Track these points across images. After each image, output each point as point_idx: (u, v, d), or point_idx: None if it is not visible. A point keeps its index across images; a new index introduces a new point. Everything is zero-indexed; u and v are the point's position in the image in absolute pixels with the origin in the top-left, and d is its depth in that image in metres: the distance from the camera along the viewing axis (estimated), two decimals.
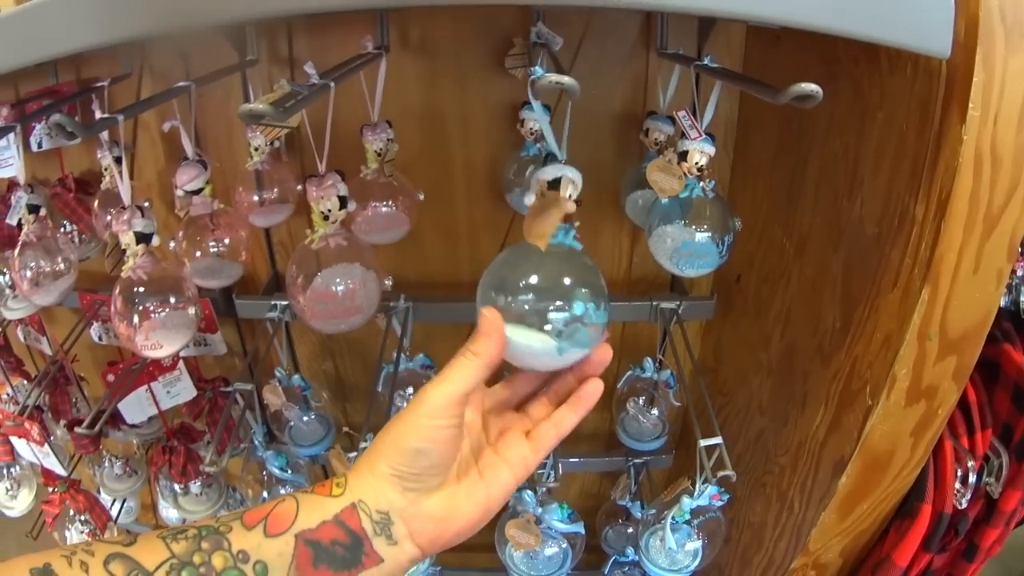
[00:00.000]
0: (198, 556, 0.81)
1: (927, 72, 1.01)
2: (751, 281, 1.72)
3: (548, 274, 0.94)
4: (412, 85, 1.74)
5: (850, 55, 1.22)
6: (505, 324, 0.92)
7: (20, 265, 1.67)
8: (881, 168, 1.15)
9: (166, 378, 1.92)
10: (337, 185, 1.37)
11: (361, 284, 1.42)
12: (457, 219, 1.93)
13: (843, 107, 1.27)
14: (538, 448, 0.97)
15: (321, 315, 1.42)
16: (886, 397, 1.15)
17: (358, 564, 0.88)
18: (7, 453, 2.10)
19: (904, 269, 1.09)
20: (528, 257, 0.97)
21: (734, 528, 1.76)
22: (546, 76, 0.90)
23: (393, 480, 0.90)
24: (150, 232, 1.40)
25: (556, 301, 0.92)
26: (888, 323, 1.14)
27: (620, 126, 1.73)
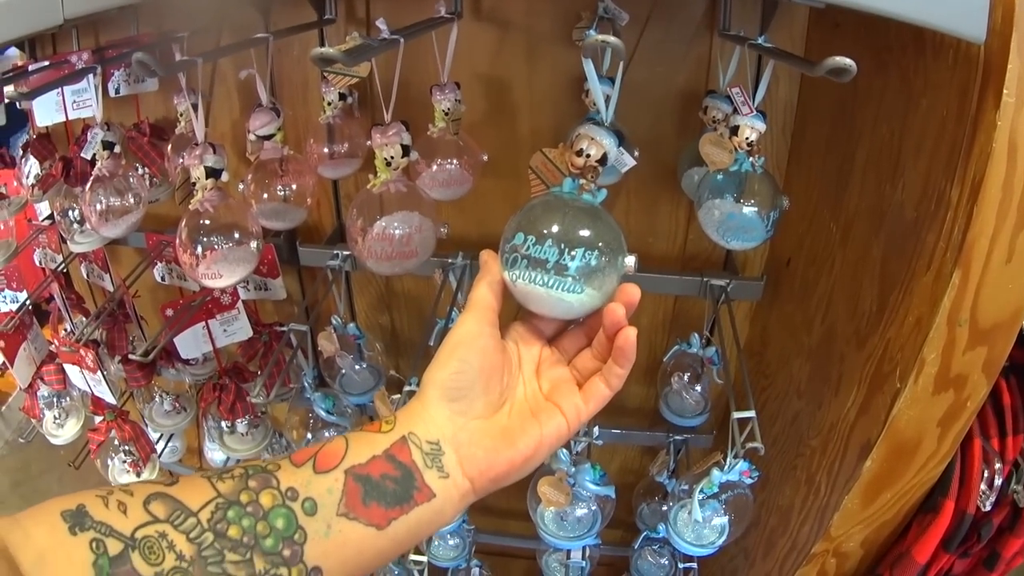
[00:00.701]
0: (245, 495, 0.80)
1: (966, 59, 1.03)
2: (799, 264, 1.73)
3: (561, 224, 0.96)
4: (482, 52, 1.77)
5: (899, 43, 1.24)
6: (519, 270, 0.97)
7: (91, 199, 1.72)
8: (922, 153, 1.17)
9: (224, 316, 1.97)
10: (401, 134, 1.40)
11: (418, 229, 1.45)
12: (520, 183, 1.91)
13: (891, 94, 1.29)
14: (589, 398, 0.98)
15: (377, 256, 1.45)
16: (914, 381, 1.17)
17: (409, 500, 0.87)
18: (60, 382, 2.16)
19: (938, 252, 1.10)
20: (531, 208, 1.01)
21: (763, 511, 1.78)
22: (594, 36, 0.92)
23: (441, 404, 0.92)
24: (220, 168, 1.45)
25: (566, 249, 0.95)
26: (920, 306, 1.15)
27: (681, 104, 1.75)
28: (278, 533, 0.79)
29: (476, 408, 0.94)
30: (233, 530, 0.77)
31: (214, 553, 0.75)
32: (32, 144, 2.08)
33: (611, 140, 1.04)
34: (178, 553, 0.73)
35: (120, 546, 0.71)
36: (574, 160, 1.03)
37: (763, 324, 2.01)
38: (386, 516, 0.86)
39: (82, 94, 1.83)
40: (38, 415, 2.31)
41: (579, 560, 1.97)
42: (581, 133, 1.03)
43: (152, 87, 1.99)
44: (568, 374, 1.02)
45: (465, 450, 0.92)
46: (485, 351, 0.95)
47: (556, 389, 1.00)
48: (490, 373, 0.95)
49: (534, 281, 0.96)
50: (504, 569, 2.65)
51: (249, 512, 0.79)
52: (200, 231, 1.47)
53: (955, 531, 1.31)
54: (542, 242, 0.95)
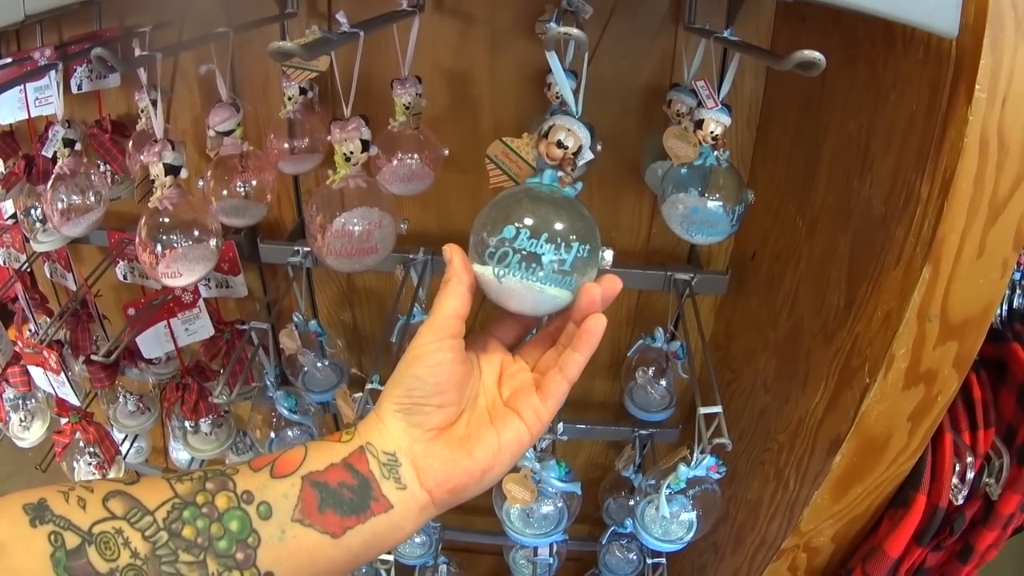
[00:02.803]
0: (201, 496, 0.80)
1: (938, 54, 1.02)
2: (764, 259, 1.73)
3: (554, 218, 0.93)
4: (444, 46, 1.76)
5: (869, 37, 1.23)
6: (488, 265, 0.93)
7: (52, 197, 1.70)
8: (891, 148, 1.16)
9: (185, 315, 1.94)
10: (360, 128, 1.39)
11: (377, 225, 1.44)
12: (482, 178, 1.88)
13: (859, 88, 1.28)
14: (547, 395, 0.96)
15: (337, 252, 1.44)
16: (883, 376, 1.16)
17: (366, 509, 0.87)
18: (24, 384, 2.12)
19: (907, 247, 1.09)
20: (516, 200, 0.97)
21: (732, 506, 1.77)
22: (556, 28, 0.90)
23: (397, 416, 0.91)
24: (179, 165, 1.43)
25: (562, 243, 0.91)
26: (889, 301, 1.14)
27: (645, 98, 1.74)
28: (232, 535, 0.79)
29: (431, 421, 0.93)
30: (188, 530, 0.78)
31: (168, 552, 0.76)
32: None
33: (585, 132, 1.01)
34: (133, 550, 0.74)
35: (77, 540, 0.72)
36: (552, 152, 1.00)
37: (728, 318, 2.01)
38: (342, 525, 0.85)
39: (44, 91, 1.80)
40: (4, 418, 2.27)
41: (546, 557, 1.97)
42: (558, 124, 1.00)
43: (114, 83, 1.97)
44: (529, 379, 1.00)
45: (421, 462, 0.91)
46: (441, 367, 0.92)
47: (515, 395, 0.98)
48: (446, 388, 0.93)
49: (516, 282, 0.92)
50: (472, 565, 2.64)
51: (204, 513, 0.79)
52: (159, 229, 1.45)
53: (927, 525, 1.30)
54: (524, 241, 0.91)
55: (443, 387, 0.92)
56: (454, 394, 0.94)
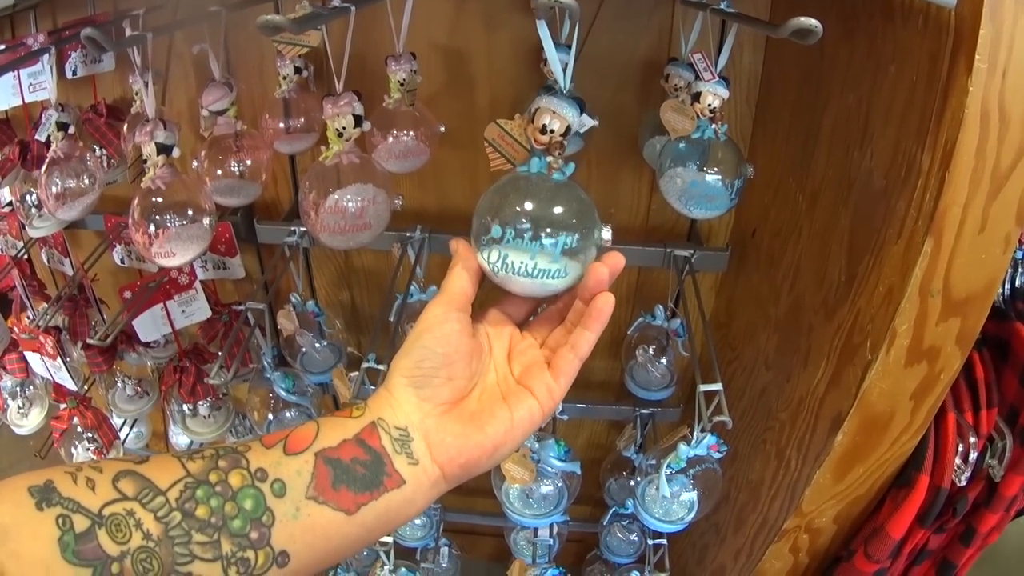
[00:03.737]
0: (214, 475, 0.79)
1: (937, 24, 1.01)
2: (765, 235, 1.72)
3: (537, 207, 0.94)
4: (440, 22, 1.75)
5: (867, 9, 1.22)
6: (499, 259, 0.94)
7: (47, 181, 1.70)
8: (891, 120, 1.15)
9: (182, 297, 1.94)
10: (353, 104, 1.38)
11: (371, 201, 1.44)
12: (479, 155, 1.89)
13: (858, 61, 1.27)
14: (558, 373, 0.96)
15: (331, 229, 1.44)
16: (886, 353, 1.15)
17: (379, 485, 0.87)
18: (22, 370, 2.13)
19: (908, 220, 1.08)
20: (506, 190, 0.98)
21: (733, 486, 1.77)
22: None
23: (408, 391, 0.91)
24: (171, 144, 1.42)
25: (546, 234, 0.92)
26: (891, 275, 1.13)
27: (643, 73, 1.73)
28: (246, 514, 0.78)
29: (442, 394, 0.92)
30: (201, 510, 0.76)
31: (181, 533, 0.74)
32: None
33: (572, 111, 1.00)
34: (145, 532, 0.73)
35: (87, 523, 0.70)
36: (538, 138, 0.99)
37: (729, 296, 2.00)
38: (355, 501, 0.85)
39: (38, 76, 1.80)
40: (1, 405, 2.28)
41: (547, 538, 1.97)
42: (541, 107, 0.99)
43: (109, 67, 1.97)
44: (539, 356, 1.00)
45: (433, 436, 0.91)
46: (450, 337, 0.93)
47: (527, 372, 0.98)
48: (455, 359, 0.93)
49: (515, 270, 0.94)
50: (473, 547, 2.66)
51: (218, 492, 0.78)
52: (152, 209, 1.46)
53: (930, 506, 1.30)
54: (520, 230, 0.93)
55: (452, 358, 0.93)
56: (463, 366, 0.94)
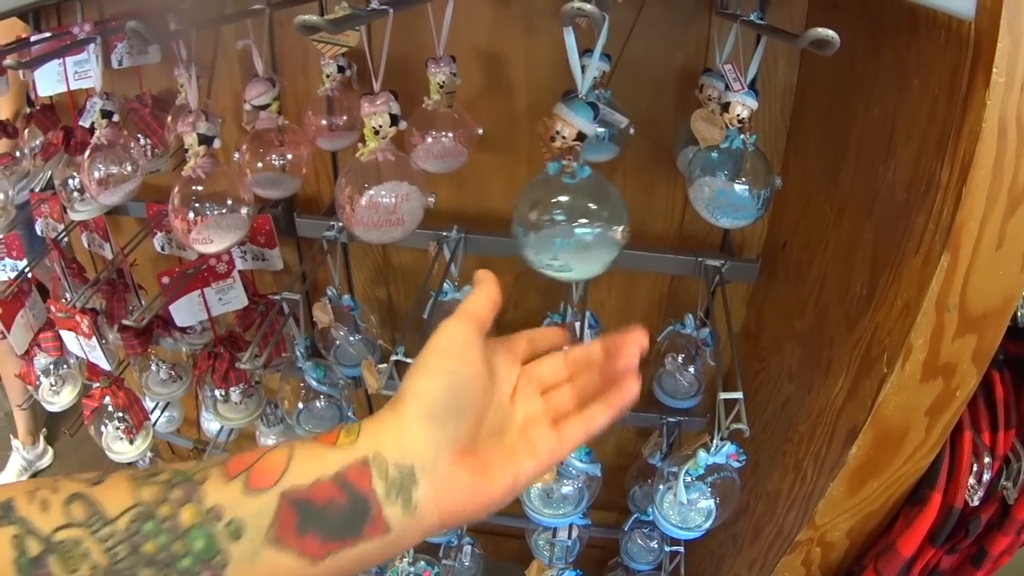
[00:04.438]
0: (165, 508, 0.70)
1: (957, 37, 1.02)
2: (795, 247, 1.73)
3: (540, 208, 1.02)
4: (480, 27, 1.78)
5: (894, 23, 1.23)
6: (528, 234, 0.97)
7: (90, 166, 1.74)
8: (914, 134, 1.16)
9: (219, 285, 1.97)
10: (389, 103, 1.41)
11: (405, 198, 1.46)
12: (517, 159, 1.95)
13: (885, 74, 1.28)
14: (564, 440, 0.86)
15: (365, 223, 1.46)
16: (901, 367, 1.15)
17: (357, 533, 0.75)
18: (56, 348, 2.19)
19: (927, 234, 1.09)
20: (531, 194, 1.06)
21: (752, 497, 1.77)
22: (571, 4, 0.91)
23: (424, 424, 0.79)
24: (212, 135, 1.46)
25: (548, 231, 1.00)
26: (908, 289, 1.14)
27: (679, 83, 1.75)
28: (196, 555, 0.70)
29: (462, 434, 0.81)
30: (149, 545, 0.69)
31: (128, 567, 0.68)
32: (35, 115, 2.10)
33: (584, 117, 1.04)
34: (93, 563, 0.67)
35: (39, 547, 0.66)
36: (551, 145, 1.05)
37: (759, 308, 2.01)
38: (324, 548, 0.73)
39: (83, 65, 1.84)
40: (34, 381, 2.32)
41: (565, 539, 1.98)
42: (554, 116, 1.05)
43: (154, 59, 2.02)
44: (542, 408, 0.90)
45: (443, 484, 0.78)
46: (475, 365, 0.83)
47: (531, 426, 0.88)
48: (479, 392, 0.83)
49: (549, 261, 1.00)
50: (496, 548, 2.67)
51: (166, 528, 0.70)
52: (192, 197, 1.49)
53: (941, 525, 1.29)
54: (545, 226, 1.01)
55: (477, 390, 0.83)
56: (485, 402, 0.85)
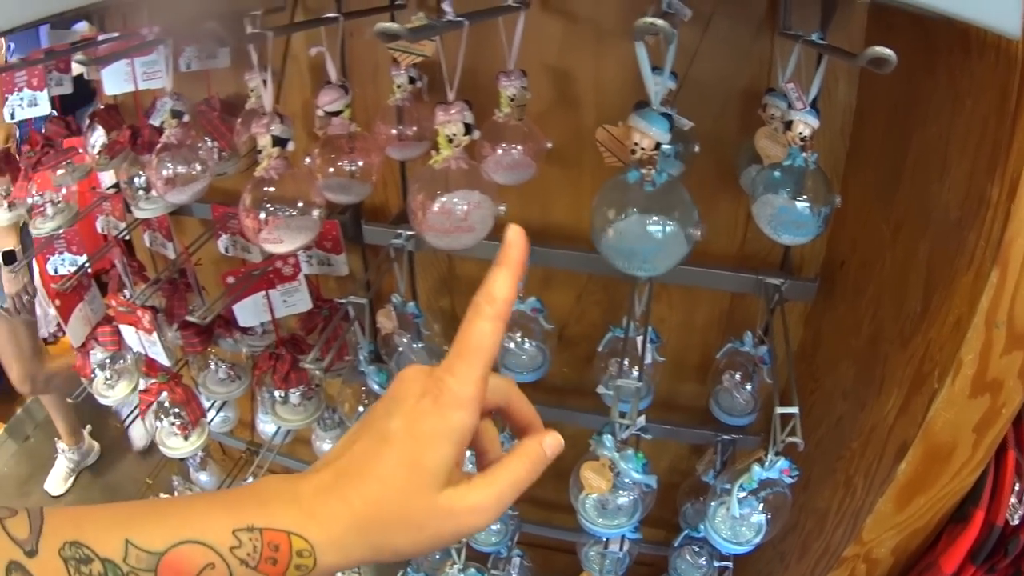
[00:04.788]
0: None
1: (1007, 57, 1.06)
2: (852, 266, 1.76)
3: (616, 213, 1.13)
4: (550, 42, 1.83)
5: (947, 43, 1.26)
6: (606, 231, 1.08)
7: (158, 164, 1.80)
8: (966, 152, 1.20)
9: (285, 287, 2.02)
10: (463, 112, 1.44)
11: (476, 206, 1.49)
12: (583, 174, 1.99)
13: (940, 94, 1.32)
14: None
15: (436, 229, 1.49)
16: (951, 383, 1.19)
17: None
18: (114, 343, 2.26)
19: (978, 251, 1.13)
20: (607, 198, 1.17)
21: (802, 514, 1.80)
22: (643, 19, 0.96)
23: None
24: (286, 137, 1.52)
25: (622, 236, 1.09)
26: (960, 306, 1.17)
27: (743, 102, 1.79)
28: None
29: None
30: None
31: None
32: (99, 114, 2.16)
33: (660, 127, 1.11)
34: None
35: None
36: (628, 156, 1.12)
37: (816, 327, 2.04)
38: None
39: (152, 66, 1.93)
40: (89, 375, 2.40)
41: (616, 551, 2.02)
42: (631, 128, 1.12)
43: (223, 64, 2.07)
44: None
45: None
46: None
47: None
48: None
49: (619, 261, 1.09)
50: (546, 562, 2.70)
51: None
52: (264, 198, 1.54)
53: (983, 543, 1.31)
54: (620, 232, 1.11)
55: None
56: None
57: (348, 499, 0.74)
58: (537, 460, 0.81)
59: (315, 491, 0.75)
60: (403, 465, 0.74)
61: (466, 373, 0.77)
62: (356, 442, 0.77)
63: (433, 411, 0.75)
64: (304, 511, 0.74)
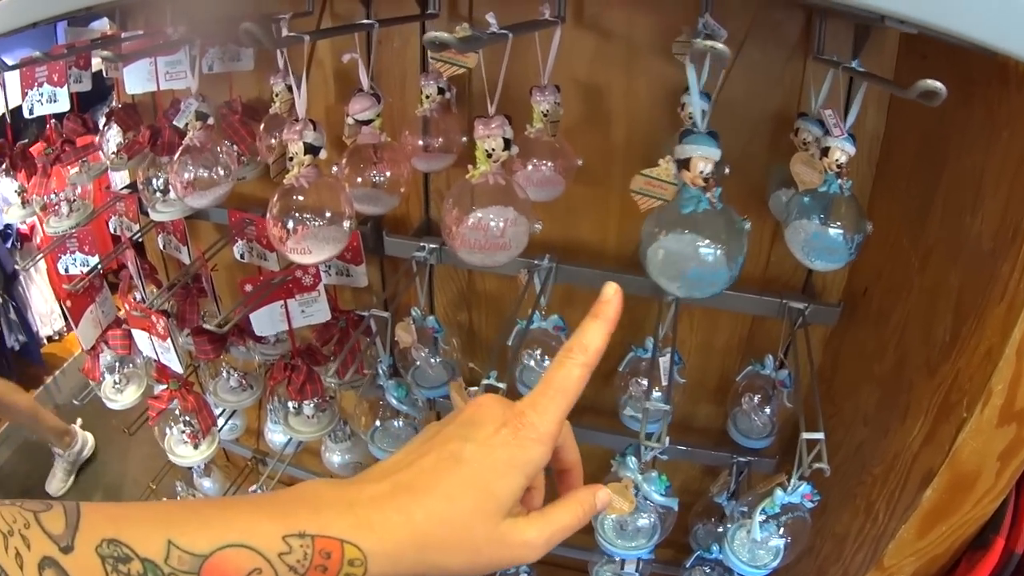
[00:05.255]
0: None
1: None
2: (876, 293, 1.79)
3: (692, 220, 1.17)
4: (581, 58, 1.85)
5: (984, 75, 1.30)
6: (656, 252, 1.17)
7: (179, 167, 1.82)
8: (1002, 184, 1.23)
9: (304, 297, 2.03)
10: (503, 127, 1.47)
11: (512, 223, 1.50)
12: (611, 191, 2.02)
13: (975, 125, 1.35)
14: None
15: (471, 245, 1.50)
16: (980, 412, 1.23)
17: None
18: (125, 347, 2.28)
19: (1012, 282, 1.16)
20: (663, 222, 1.21)
21: (819, 538, 1.83)
22: (701, 41, 1.01)
23: None
24: (319, 146, 1.53)
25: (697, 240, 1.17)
26: (992, 336, 1.21)
27: (773, 125, 1.82)
28: None
29: None
30: None
31: None
32: (117, 113, 2.20)
33: (715, 146, 1.19)
34: None
35: None
36: (698, 182, 1.19)
37: (835, 351, 2.07)
38: None
39: (176, 65, 1.97)
40: (98, 378, 2.42)
41: (633, 571, 2.05)
42: (696, 157, 1.19)
43: (247, 66, 2.10)
44: None
45: None
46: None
47: None
48: None
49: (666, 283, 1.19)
50: None
51: None
52: (292, 206, 1.54)
53: (1002, 570, 1.35)
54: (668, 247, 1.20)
55: None
56: None
57: (409, 513, 0.78)
58: (589, 510, 0.89)
59: (372, 500, 0.80)
60: (474, 488, 0.80)
61: (550, 411, 0.84)
62: (422, 457, 0.83)
63: (512, 442, 0.82)
64: (360, 520, 0.77)
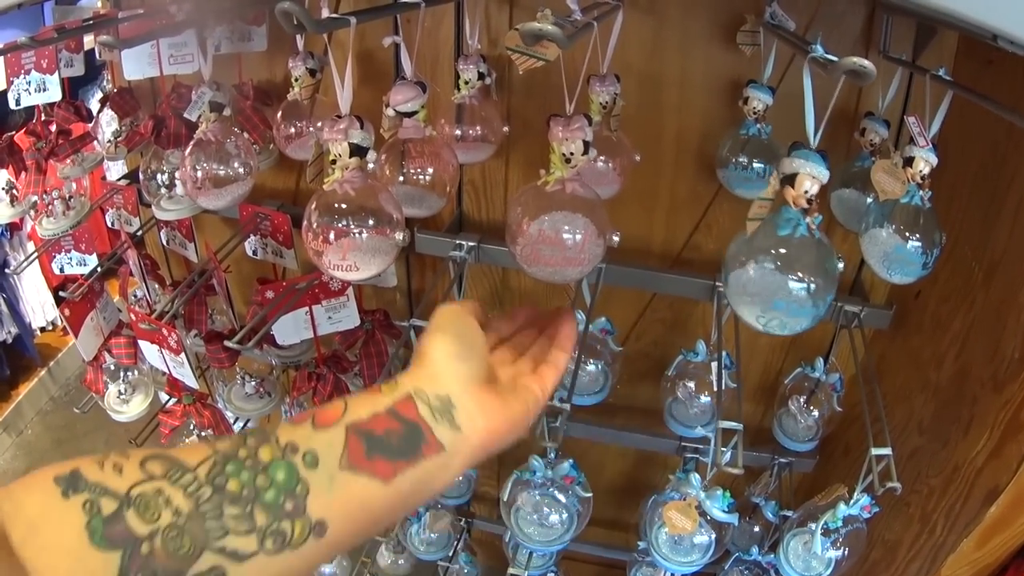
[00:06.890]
0: (243, 451, 0.85)
1: None
2: (931, 298, 1.88)
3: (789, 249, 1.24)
4: (635, 46, 1.91)
5: None
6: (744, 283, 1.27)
7: (190, 163, 1.81)
8: None
9: (331, 303, 2.09)
10: (584, 129, 1.43)
11: (592, 238, 1.48)
12: (660, 186, 2.10)
13: None
14: (544, 384, 1.16)
15: (542, 260, 1.48)
16: None
17: (417, 452, 0.95)
18: (130, 356, 2.28)
19: None
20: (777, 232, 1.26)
21: (866, 544, 1.89)
22: (850, 58, 1.01)
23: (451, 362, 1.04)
24: (367, 146, 1.49)
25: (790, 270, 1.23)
26: None
27: (833, 122, 1.76)
28: (279, 486, 0.85)
29: (482, 370, 1.07)
30: (232, 484, 0.82)
31: (213, 507, 0.80)
32: (112, 98, 2.18)
33: (825, 169, 1.23)
34: (175, 508, 0.78)
35: (114, 505, 0.76)
36: (801, 203, 1.23)
37: (881, 353, 2.17)
38: (392, 469, 0.93)
39: (181, 48, 1.94)
40: (101, 390, 2.42)
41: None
42: (803, 174, 1.23)
43: (259, 47, 2.08)
44: (511, 360, 1.23)
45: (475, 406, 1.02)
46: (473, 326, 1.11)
47: (520, 375, 1.18)
48: (480, 344, 1.11)
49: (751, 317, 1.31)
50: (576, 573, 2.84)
51: (248, 466, 0.84)
52: (335, 215, 1.50)
53: None
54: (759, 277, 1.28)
55: (482, 340, 1.11)
56: (483, 349, 1.11)
57: None
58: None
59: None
60: None
61: None
62: None
63: None
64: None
